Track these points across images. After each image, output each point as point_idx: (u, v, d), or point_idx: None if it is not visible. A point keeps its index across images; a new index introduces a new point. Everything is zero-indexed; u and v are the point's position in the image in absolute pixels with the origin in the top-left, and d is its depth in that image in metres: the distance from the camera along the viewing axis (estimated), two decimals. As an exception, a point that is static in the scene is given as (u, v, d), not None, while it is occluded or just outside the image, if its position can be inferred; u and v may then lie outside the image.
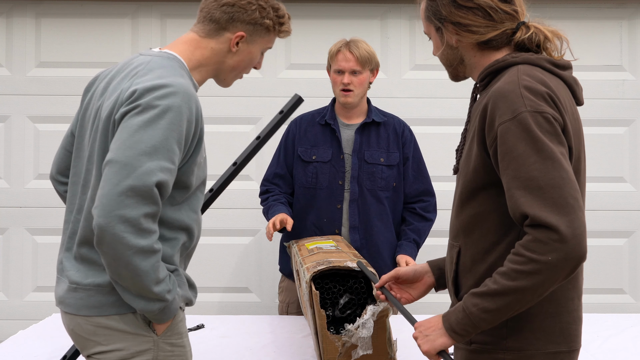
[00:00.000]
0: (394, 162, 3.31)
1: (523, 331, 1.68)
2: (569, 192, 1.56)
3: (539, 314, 1.68)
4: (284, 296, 3.41)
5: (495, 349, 1.69)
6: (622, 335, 2.87)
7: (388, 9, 4.17)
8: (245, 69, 2.02)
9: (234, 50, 1.96)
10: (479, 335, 1.70)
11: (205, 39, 1.96)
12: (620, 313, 3.81)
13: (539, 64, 1.71)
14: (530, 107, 1.60)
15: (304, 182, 3.30)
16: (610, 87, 4.14)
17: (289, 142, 3.35)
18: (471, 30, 1.74)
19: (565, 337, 1.70)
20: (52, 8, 4.15)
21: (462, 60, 1.80)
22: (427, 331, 1.72)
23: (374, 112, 3.34)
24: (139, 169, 1.66)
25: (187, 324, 2.95)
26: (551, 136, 1.59)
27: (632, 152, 4.17)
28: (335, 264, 2.41)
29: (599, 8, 4.16)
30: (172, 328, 1.87)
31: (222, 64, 1.98)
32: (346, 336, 2.26)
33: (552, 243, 1.53)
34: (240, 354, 2.62)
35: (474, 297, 1.62)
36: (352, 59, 3.21)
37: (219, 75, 2.01)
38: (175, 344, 1.88)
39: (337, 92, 3.26)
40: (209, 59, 1.97)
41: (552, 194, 1.56)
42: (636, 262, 4.17)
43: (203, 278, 4.11)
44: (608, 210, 4.15)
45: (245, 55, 1.99)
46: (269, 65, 4.16)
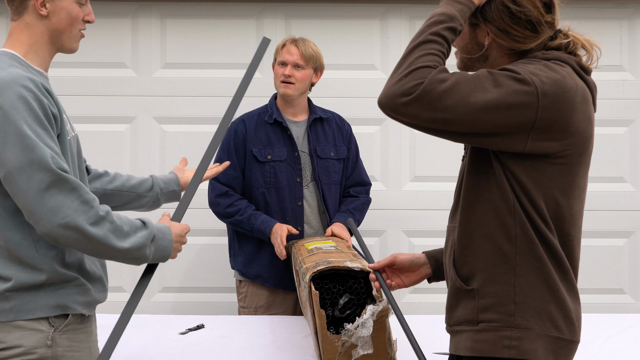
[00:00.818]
0: (342, 156, 3.40)
1: (529, 310, 1.68)
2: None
3: (545, 295, 1.69)
4: (249, 302, 3.36)
5: (503, 326, 1.69)
6: (622, 335, 2.87)
7: (388, 9, 4.17)
8: (73, 26, 1.96)
9: (44, 14, 1.91)
10: (485, 314, 1.71)
11: (19, 20, 1.93)
12: (620, 313, 3.81)
13: (569, 63, 1.72)
14: (538, 79, 1.62)
15: (262, 183, 3.29)
16: (610, 87, 4.13)
17: (238, 142, 3.31)
18: (514, 39, 1.74)
19: (568, 326, 1.71)
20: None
21: (485, 58, 1.79)
22: None
23: (317, 108, 3.40)
24: None
25: (187, 324, 2.95)
26: (514, 93, 1.62)
27: (632, 152, 4.17)
28: (335, 264, 2.41)
29: (599, 8, 4.16)
30: (71, 332, 1.89)
31: (46, 33, 1.93)
32: (346, 336, 2.25)
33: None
34: (240, 354, 2.62)
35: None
36: (297, 53, 3.28)
37: (56, 45, 1.96)
38: (72, 339, 1.90)
39: (278, 83, 3.31)
40: (32, 36, 1.93)
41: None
42: (636, 262, 4.17)
43: (203, 278, 4.11)
44: (608, 210, 4.15)
45: (60, 12, 1.93)
46: (268, 65, 4.16)
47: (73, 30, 1.96)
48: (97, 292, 1.98)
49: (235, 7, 4.15)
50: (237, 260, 3.39)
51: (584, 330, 2.81)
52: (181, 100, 4.11)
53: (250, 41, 4.15)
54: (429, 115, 1.61)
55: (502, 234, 1.70)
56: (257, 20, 4.17)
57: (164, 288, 4.13)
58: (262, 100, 3.54)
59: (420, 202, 4.14)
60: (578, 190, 1.75)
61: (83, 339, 1.94)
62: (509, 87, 1.61)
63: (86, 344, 1.95)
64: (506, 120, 1.62)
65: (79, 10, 1.96)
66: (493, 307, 1.70)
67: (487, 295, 1.71)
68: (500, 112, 1.61)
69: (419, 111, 1.61)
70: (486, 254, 1.71)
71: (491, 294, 1.70)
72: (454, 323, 1.79)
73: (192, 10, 4.13)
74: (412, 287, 4.14)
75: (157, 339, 2.77)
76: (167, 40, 4.14)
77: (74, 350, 1.90)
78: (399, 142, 4.11)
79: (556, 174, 1.69)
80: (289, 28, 4.17)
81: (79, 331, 1.93)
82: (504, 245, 1.69)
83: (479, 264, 1.72)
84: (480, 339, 1.71)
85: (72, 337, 1.90)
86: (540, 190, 1.68)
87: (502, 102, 1.61)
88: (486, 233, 1.72)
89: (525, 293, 1.68)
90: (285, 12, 4.16)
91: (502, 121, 1.62)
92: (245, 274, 3.36)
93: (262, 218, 3.21)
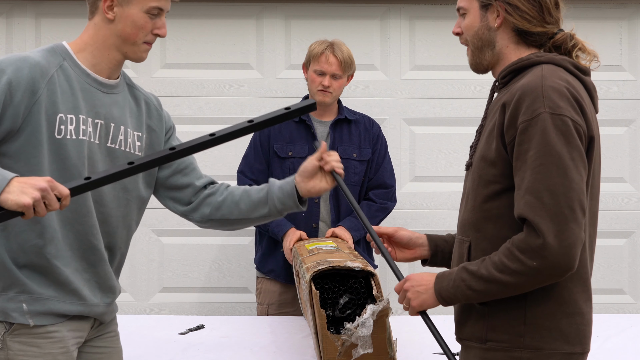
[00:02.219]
0: (366, 158, 3.40)
1: (540, 330, 1.68)
2: (567, 201, 1.58)
3: (557, 313, 1.68)
4: (263, 298, 3.43)
5: (513, 347, 1.68)
6: (622, 335, 2.87)
7: (388, 9, 4.17)
8: (137, 35, 1.93)
9: (111, 18, 1.92)
10: (494, 333, 1.70)
11: (91, 20, 1.96)
12: (620, 313, 3.80)
13: (563, 65, 1.73)
14: (549, 108, 1.61)
15: (281, 178, 3.30)
16: (610, 87, 4.13)
17: (263, 138, 3.38)
18: (523, 17, 1.74)
19: (580, 338, 1.71)
20: (52, 8, 4.15)
21: (493, 45, 1.79)
22: (420, 288, 1.75)
23: (345, 110, 3.42)
24: None
25: (187, 324, 2.94)
26: (565, 140, 1.60)
27: (632, 152, 4.17)
28: (336, 263, 2.41)
29: (599, 8, 4.16)
30: (25, 336, 1.85)
31: (110, 38, 1.93)
32: (346, 335, 2.25)
33: (538, 250, 1.58)
34: (240, 354, 2.62)
35: (465, 272, 1.68)
36: (336, 63, 3.29)
37: (120, 51, 1.95)
38: (27, 343, 1.85)
39: (314, 90, 3.31)
40: (95, 37, 1.94)
41: (549, 200, 1.58)
42: (636, 262, 4.17)
43: (203, 278, 4.11)
44: (608, 210, 4.14)
45: (126, 19, 1.92)
46: (268, 65, 4.16)
47: (137, 40, 1.95)
48: (64, 303, 1.89)
49: (235, 7, 4.15)
50: (256, 256, 3.47)
51: (584, 330, 2.81)
52: (181, 100, 4.11)
53: (250, 41, 4.15)
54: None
55: None
56: (257, 20, 4.17)
57: (164, 288, 4.13)
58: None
59: (420, 202, 4.13)
60: (595, 189, 1.74)
61: (43, 345, 1.86)
62: (562, 152, 1.62)
63: (47, 351, 1.87)
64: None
65: (146, 20, 1.94)
66: (502, 327, 1.69)
67: (497, 315, 1.70)
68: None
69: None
70: None
71: (501, 313, 1.70)
72: (464, 337, 1.79)
73: (192, 10, 4.13)
74: (412, 287, 4.14)
75: (157, 339, 2.77)
76: (167, 40, 4.13)
77: (28, 355, 1.85)
78: (399, 142, 4.11)
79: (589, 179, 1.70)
80: (289, 28, 4.17)
81: (38, 336, 1.86)
82: None
83: None
84: (489, 357, 1.71)
85: (28, 342, 1.85)
86: None
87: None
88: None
89: (536, 315, 1.68)
90: (285, 12, 4.16)
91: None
92: (261, 269, 3.44)
93: (278, 221, 3.24)
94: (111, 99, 1.97)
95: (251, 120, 1.84)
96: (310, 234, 3.29)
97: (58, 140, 1.86)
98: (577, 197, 1.59)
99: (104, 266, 1.98)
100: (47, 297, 1.88)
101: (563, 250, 1.58)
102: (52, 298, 1.88)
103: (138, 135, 2.03)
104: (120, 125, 1.98)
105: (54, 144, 1.85)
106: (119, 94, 2.00)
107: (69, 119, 1.87)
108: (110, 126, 1.95)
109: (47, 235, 1.86)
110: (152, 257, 4.08)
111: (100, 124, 1.93)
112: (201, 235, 4.05)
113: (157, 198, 2.16)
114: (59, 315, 1.89)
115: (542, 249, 1.58)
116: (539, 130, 1.61)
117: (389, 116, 4.13)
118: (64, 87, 1.88)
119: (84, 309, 1.93)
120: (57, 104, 1.85)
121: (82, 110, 1.90)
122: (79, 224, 1.91)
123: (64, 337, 1.91)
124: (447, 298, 1.71)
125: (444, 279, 1.72)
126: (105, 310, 2.00)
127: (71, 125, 1.87)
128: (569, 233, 1.58)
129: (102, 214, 1.96)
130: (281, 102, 3.86)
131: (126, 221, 2.02)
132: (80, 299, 1.92)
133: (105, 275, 1.98)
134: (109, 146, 1.96)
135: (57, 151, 1.85)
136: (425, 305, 1.75)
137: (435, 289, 1.72)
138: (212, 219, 2.12)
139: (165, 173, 2.11)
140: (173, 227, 4.03)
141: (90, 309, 1.95)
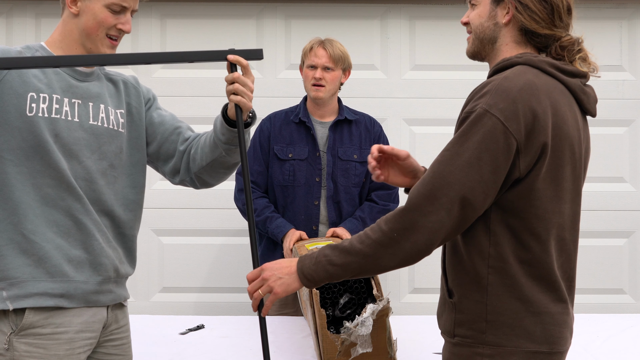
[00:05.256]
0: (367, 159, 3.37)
1: (502, 327, 1.69)
2: (449, 189, 1.61)
3: (519, 312, 1.69)
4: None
5: (475, 343, 1.71)
6: (622, 335, 2.87)
7: (388, 9, 4.17)
8: (98, 29, 1.98)
9: (75, 12, 1.97)
10: (460, 329, 1.73)
11: (61, 17, 2.01)
12: (620, 313, 3.81)
13: (539, 66, 1.73)
14: (487, 105, 1.64)
15: (281, 180, 3.34)
16: (610, 87, 4.13)
17: (263, 139, 3.38)
18: (532, 17, 1.75)
19: (547, 338, 1.70)
20: (52, 8, 4.15)
21: (494, 41, 1.80)
22: (280, 272, 1.76)
23: (345, 110, 3.41)
24: None
25: (187, 324, 2.95)
26: (481, 138, 1.62)
27: (632, 152, 4.17)
28: (335, 263, 2.41)
29: (599, 8, 4.16)
30: (32, 334, 1.86)
31: (75, 32, 1.99)
32: (345, 334, 2.26)
33: (402, 222, 1.62)
34: (240, 354, 2.62)
35: (329, 248, 1.70)
36: (325, 55, 3.29)
37: (84, 46, 2.00)
38: (33, 344, 1.86)
39: (309, 86, 3.32)
40: (62, 32, 2.00)
41: (432, 181, 1.63)
42: (636, 262, 4.17)
43: (203, 278, 4.11)
44: (608, 210, 4.15)
45: (88, 13, 1.97)
46: (269, 65, 4.16)
47: (99, 34, 1.99)
48: (44, 282, 1.88)
49: (235, 7, 4.15)
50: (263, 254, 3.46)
51: (584, 330, 2.83)
52: (181, 100, 4.11)
53: (250, 41, 4.15)
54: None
55: (476, 254, 1.70)
56: (257, 20, 4.17)
57: (164, 288, 4.13)
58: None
59: (420, 202, 4.13)
60: (568, 193, 1.73)
61: (50, 346, 1.87)
62: (471, 146, 1.64)
63: (53, 352, 1.87)
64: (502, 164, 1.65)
65: (107, 15, 1.98)
66: (467, 323, 1.72)
67: (463, 311, 1.73)
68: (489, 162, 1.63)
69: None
70: (463, 271, 1.73)
71: (465, 310, 1.73)
72: (441, 330, 1.83)
73: (192, 10, 4.13)
74: (412, 287, 4.14)
75: (157, 339, 2.77)
76: (167, 40, 4.14)
77: (34, 357, 1.86)
78: (399, 142, 4.11)
79: (541, 184, 1.68)
80: (289, 28, 4.17)
81: (45, 337, 1.87)
82: (477, 265, 1.70)
83: (456, 279, 1.75)
84: (456, 352, 1.74)
85: (34, 343, 1.86)
86: (520, 204, 1.68)
87: (483, 155, 1.63)
88: (462, 251, 1.73)
89: (498, 311, 1.69)
90: (285, 12, 4.16)
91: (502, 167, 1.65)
92: None
93: (277, 222, 3.24)
94: (86, 85, 2.01)
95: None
96: (311, 236, 3.29)
97: (29, 118, 1.89)
98: (461, 191, 1.61)
99: (92, 242, 1.95)
100: (24, 279, 1.87)
101: (423, 231, 1.61)
102: (31, 279, 1.87)
103: (120, 112, 2.07)
104: (100, 104, 2.02)
105: (25, 122, 1.88)
106: (93, 82, 2.04)
107: (41, 97, 1.90)
108: (88, 105, 1.99)
109: (21, 211, 1.88)
110: (152, 257, 4.08)
111: (77, 103, 1.97)
112: (201, 235, 4.06)
113: (156, 171, 2.22)
114: (41, 295, 1.87)
115: (406, 223, 1.61)
116: (469, 123, 1.65)
117: (389, 116, 4.13)
118: (35, 71, 1.92)
119: (67, 286, 1.91)
120: (28, 83, 1.89)
121: (57, 90, 1.93)
122: (61, 200, 1.91)
123: (72, 338, 1.90)
124: (309, 276, 1.71)
125: (306, 258, 1.73)
126: (98, 289, 1.97)
127: (44, 104, 1.90)
128: (434, 217, 1.61)
129: (94, 191, 1.98)
130: (281, 102, 3.88)
131: (122, 194, 2.05)
132: (62, 276, 1.90)
133: (95, 252, 1.96)
134: (92, 124, 1.99)
135: (28, 129, 1.88)
136: (290, 288, 1.75)
137: (298, 268, 1.73)
138: (197, 174, 2.14)
139: (153, 147, 2.16)
140: (173, 227, 4.04)
141: (75, 287, 1.92)
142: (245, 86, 1.92)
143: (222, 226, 4.12)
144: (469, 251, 1.72)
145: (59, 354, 1.88)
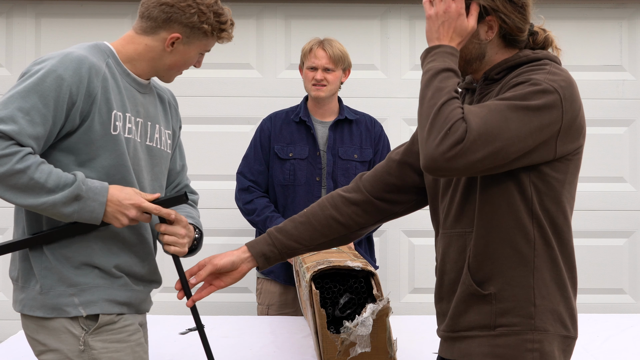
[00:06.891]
0: (367, 158, 3.39)
1: (545, 312, 1.70)
2: (499, 132, 1.61)
3: (556, 296, 1.71)
4: (263, 298, 3.44)
5: (524, 330, 1.69)
6: (622, 335, 2.87)
7: (388, 9, 4.17)
8: (181, 67, 2.04)
9: (169, 50, 1.98)
10: (503, 318, 1.70)
11: (140, 35, 1.99)
12: (620, 313, 3.81)
13: (557, 62, 1.78)
14: (552, 81, 1.66)
15: (282, 180, 3.35)
16: (610, 87, 4.14)
17: (264, 139, 3.39)
18: (516, 26, 1.76)
19: (573, 324, 1.74)
20: (52, 8, 4.15)
21: (482, 56, 1.80)
22: None
23: (345, 110, 3.42)
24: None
25: (187, 324, 2.94)
26: (543, 108, 1.64)
27: (632, 152, 4.17)
28: (336, 263, 2.41)
29: (599, 8, 4.16)
30: (105, 331, 1.92)
31: (158, 61, 2.00)
32: (345, 334, 2.26)
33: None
34: (240, 354, 2.62)
35: None
36: (325, 56, 3.29)
37: (157, 71, 2.02)
38: (108, 340, 1.92)
39: (309, 86, 3.33)
40: (142, 55, 1.99)
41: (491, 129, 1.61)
42: (636, 262, 4.17)
43: (203, 278, 4.11)
44: (608, 210, 4.15)
45: (181, 55, 2.00)
46: (268, 65, 4.16)
47: (180, 70, 2.04)
48: (112, 290, 1.96)
49: (235, 7, 4.12)
50: None
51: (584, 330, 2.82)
52: (181, 100, 4.07)
53: (250, 41, 4.15)
54: (481, 154, 1.61)
55: (521, 237, 1.70)
56: (257, 20, 4.17)
57: (164, 288, 4.11)
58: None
59: (420, 202, 4.13)
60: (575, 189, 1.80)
61: (123, 338, 1.95)
62: (535, 104, 1.64)
63: (127, 344, 1.95)
64: (542, 136, 1.66)
65: (195, 57, 2.03)
66: (513, 311, 1.70)
67: (506, 299, 1.71)
68: (537, 131, 1.64)
69: (473, 155, 1.60)
70: (505, 258, 1.71)
71: (510, 297, 1.71)
72: (463, 328, 1.76)
73: (192, 10, 4.13)
74: (412, 287, 4.14)
75: (157, 339, 2.77)
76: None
77: (111, 351, 1.93)
78: (399, 142, 4.10)
79: (572, 173, 1.74)
80: (289, 28, 4.17)
81: (117, 332, 1.95)
82: (523, 248, 1.70)
83: (497, 267, 1.72)
84: (500, 343, 1.70)
85: (108, 339, 1.94)
86: (559, 190, 1.72)
87: (538, 123, 1.64)
88: (504, 237, 1.72)
89: (543, 295, 1.70)
90: (285, 12, 4.16)
91: (540, 138, 1.65)
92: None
93: (277, 222, 3.24)
94: (146, 99, 2.03)
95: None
96: None
97: (114, 137, 1.90)
98: (506, 138, 1.62)
99: (150, 256, 2.09)
100: (94, 285, 1.92)
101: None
102: (100, 286, 1.93)
103: (169, 134, 2.12)
104: (156, 123, 2.05)
105: (110, 140, 1.90)
106: (150, 94, 2.07)
107: (119, 116, 1.92)
108: (147, 124, 2.02)
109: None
110: (152, 257, 4.07)
111: (140, 123, 2.00)
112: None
113: None
114: (110, 302, 1.95)
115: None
116: (535, 92, 1.65)
117: (389, 116, 4.13)
118: (113, 85, 1.93)
119: (130, 295, 2.01)
120: (111, 101, 1.90)
121: (128, 108, 1.96)
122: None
123: (138, 329, 2.02)
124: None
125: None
126: (147, 298, 2.13)
127: (120, 123, 1.92)
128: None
129: None
130: (281, 102, 3.88)
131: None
132: (127, 286, 2.00)
133: (151, 268, 2.10)
134: (148, 144, 2.03)
135: (113, 148, 1.90)
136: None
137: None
138: None
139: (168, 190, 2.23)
140: (173, 227, 4.04)
141: (137, 296, 2.04)
142: (175, 235, 2.01)
143: (222, 226, 4.12)
144: (512, 236, 1.71)
145: (131, 344, 1.97)
